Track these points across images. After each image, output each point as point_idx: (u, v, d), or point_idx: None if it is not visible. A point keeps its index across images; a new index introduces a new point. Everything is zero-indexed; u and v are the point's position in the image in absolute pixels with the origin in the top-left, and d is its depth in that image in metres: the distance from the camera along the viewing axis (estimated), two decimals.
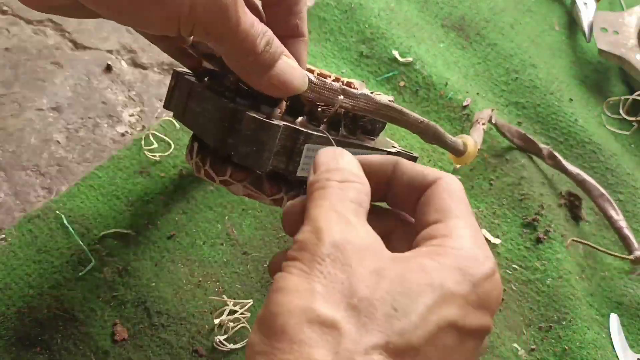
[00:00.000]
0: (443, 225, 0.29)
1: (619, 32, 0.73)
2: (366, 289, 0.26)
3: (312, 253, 0.27)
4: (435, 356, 0.25)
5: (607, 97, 0.72)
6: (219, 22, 0.32)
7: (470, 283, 0.27)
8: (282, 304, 0.25)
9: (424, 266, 0.27)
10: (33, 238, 0.47)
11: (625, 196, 0.64)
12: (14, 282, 0.45)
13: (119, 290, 0.46)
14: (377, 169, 0.33)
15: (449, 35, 0.71)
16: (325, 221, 0.28)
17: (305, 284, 0.26)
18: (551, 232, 0.57)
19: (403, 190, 0.32)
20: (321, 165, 0.31)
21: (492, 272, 0.28)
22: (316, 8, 0.67)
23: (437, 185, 0.31)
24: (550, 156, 0.61)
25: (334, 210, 0.28)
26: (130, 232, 0.49)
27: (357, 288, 0.26)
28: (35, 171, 0.51)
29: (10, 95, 0.55)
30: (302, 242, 0.27)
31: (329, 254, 0.27)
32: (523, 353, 0.51)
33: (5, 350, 0.42)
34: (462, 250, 0.28)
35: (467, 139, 0.48)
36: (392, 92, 0.64)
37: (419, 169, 0.32)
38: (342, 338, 0.24)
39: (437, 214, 0.30)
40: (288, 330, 0.24)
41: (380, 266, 0.27)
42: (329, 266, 0.26)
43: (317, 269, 0.26)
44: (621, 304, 0.57)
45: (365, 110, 0.39)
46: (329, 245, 0.27)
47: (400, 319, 0.25)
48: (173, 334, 0.45)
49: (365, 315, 0.25)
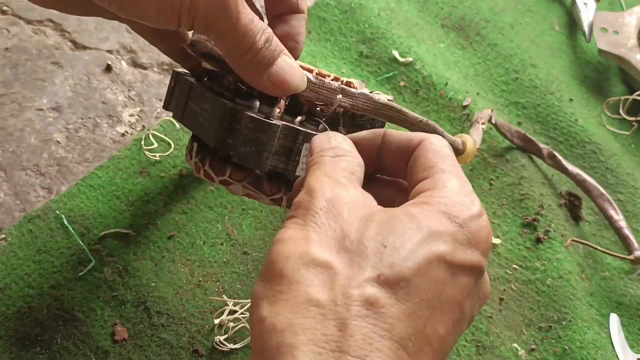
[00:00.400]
0: (430, 180, 0.31)
1: (619, 32, 0.73)
2: (356, 232, 0.28)
3: (306, 208, 0.29)
4: (427, 288, 0.27)
5: (607, 97, 0.72)
6: (219, 16, 0.33)
7: (457, 224, 0.29)
8: (280, 252, 0.27)
9: (411, 212, 0.29)
10: (33, 238, 0.47)
11: (625, 196, 0.64)
12: (14, 282, 0.45)
13: (119, 290, 0.46)
14: (367, 142, 0.34)
15: (449, 35, 0.71)
16: (318, 183, 0.30)
17: (301, 234, 0.28)
18: (551, 232, 0.57)
19: (393, 157, 0.34)
20: (316, 147, 0.33)
21: (478, 213, 0.30)
22: (316, 8, 0.67)
23: (422, 146, 0.33)
24: (550, 156, 0.61)
25: (326, 175, 0.31)
26: (130, 232, 0.49)
27: (349, 232, 0.28)
28: (35, 171, 0.51)
29: (10, 95, 0.55)
30: (298, 201, 0.30)
31: (322, 207, 0.29)
32: (523, 353, 0.51)
33: (5, 350, 0.42)
34: (447, 198, 0.30)
35: (467, 138, 0.48)
36: (392, 92, 0.64)
37: (405, 135, 0.34)
38: (336, 276, 0.26)
39: (424, 172, 0.32)
40: (286, 273, 0.26)
41: (370, 213, 0.29)
42: (322, 217, 0.28)
43: (311, 220, 0.28)
44: (621, 304, 0.57)
45: (364, 109, 0.39)
46: (322, 200, 0.29)
47: (390, 253, 0.27)
48: (173, 334, 0.45)
49: (357, 255, 0.27)
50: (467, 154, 0.47)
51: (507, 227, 0.58)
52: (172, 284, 0.47)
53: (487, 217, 0.30)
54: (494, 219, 0.58)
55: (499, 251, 0.56)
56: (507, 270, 0.55)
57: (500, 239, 0.57)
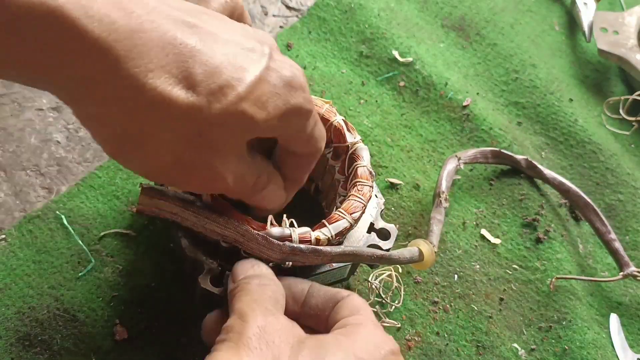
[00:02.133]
0: (355, 317, 0.35)
1: (619, 32, 0.73)
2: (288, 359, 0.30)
3: (239, 332, 0.31)
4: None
5: (607, 97, 0.72)
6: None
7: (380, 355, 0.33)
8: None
9: (339, 340, 0.32)
10: (33, 238, 0.47)
11: (625, 196, 0.64)
12: (14, 282, 0.45)
13: (119, 290, 0.46)
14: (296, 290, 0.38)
15: (449, 35, 0.71)
16: (249, 309, 0.32)
17: (234, 358, 0.30)
18: (551, 232, 0.57)
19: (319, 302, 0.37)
20: (239, 274, 0.36)
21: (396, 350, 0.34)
22: (316, 8, 0.67)
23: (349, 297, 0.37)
24: (529, 166, 0.59)
25: (255, 302, 0.33)
26: (130, 232, 0.49)
27: (280, 358, 0.30)
28: (35, 171, 0.51)
29: (10, 95, 0.55)
30: (230, 326, 0.32)
31: (254, 332, 0.31)
32: (523, 353, 0.51)
33: (5, 350, 0.42)
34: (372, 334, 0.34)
35: (422, 245, 0.47)
36: (392, 92, 0.64)
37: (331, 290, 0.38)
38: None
39: (349, 311, 0.36)
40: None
41: (300, 340, 0.32)
42: (254, 342, 0.30)
43: (244, 345, 0.30)
44: (621, 304, 0.57)
45: (317, 263, 0.40)
46: (254, 326, 0.31)
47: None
48: (173, 334, 0.45)
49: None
50: (425, 262, 0.46)
51: (507, 227, 0.58)
52: (172, 284, 0.47)
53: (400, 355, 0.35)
54: (494, 219, 0.58)
55: (499, 251, 0.56)
56: (507, 270, 0.55)
57: (500, 239, 0.57)
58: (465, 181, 0.60)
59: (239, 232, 0.37)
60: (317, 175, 0.49)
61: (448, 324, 0.51)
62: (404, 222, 0.55)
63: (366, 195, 0.43)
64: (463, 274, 0.53)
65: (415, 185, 0.57)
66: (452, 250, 0.55)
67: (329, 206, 0.47)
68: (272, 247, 0.38)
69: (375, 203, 0.46)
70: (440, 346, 0.49)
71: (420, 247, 0.46)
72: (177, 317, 0.46)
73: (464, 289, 0.53)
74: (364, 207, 0.42)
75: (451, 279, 0.53)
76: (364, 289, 0.50)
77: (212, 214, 0.38)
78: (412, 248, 0.46)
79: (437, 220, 0.51)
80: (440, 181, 0.54)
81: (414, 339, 0.49)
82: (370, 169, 0.45)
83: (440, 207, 0.52)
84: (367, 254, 0.41)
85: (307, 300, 0.37)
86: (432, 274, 0.53)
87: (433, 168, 0.59)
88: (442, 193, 0.53)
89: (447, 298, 0.52)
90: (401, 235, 0.54)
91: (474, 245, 0.55)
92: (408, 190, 0.57)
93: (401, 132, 0.61)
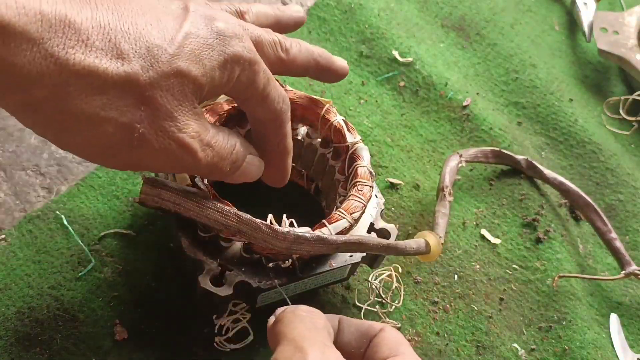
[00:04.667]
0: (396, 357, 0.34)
1: (619, 32, 0.73)
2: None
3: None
4: None
5: (607, 97, 0.72)
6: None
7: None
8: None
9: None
10: (33, 238, 0.47)
11: (625, 196, 0.64)
12: (14, 282, 0.45)
13: (119, 290, 0.46)
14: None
15: (449, 35, 0.71)
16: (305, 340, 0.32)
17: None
18: (551, 232, 0.57)
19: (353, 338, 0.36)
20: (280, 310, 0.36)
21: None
22: (316, 8, 0.67)
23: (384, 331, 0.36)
24: (529, 166, 0.59)
25: (309, 331, 0.33)
26: (130, 232, 0.49)
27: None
28: (35, 171, 0.51)
29: None
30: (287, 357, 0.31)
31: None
32: (523, 353, 0.51)
33: (5, 350, 0.42)
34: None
35: (429, 236, 0.47)
36: (392, 92, 0.64)
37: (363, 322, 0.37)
38: None
39: (389, 351, 0.35)
40: None
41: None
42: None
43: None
44: (621, 304, 0.57)
45: (322, 252, 0.39)
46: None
47: None
48: (173, 334, 0.45)
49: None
50: (432, 254, 0.46)
51: (507, 227, 0.58)
52: (172, 284, 0.47)
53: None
54: (494, 219, 0.58)
55: (499, 251, 0.56)
56: (507, 270, 0.55)
57: (500, 239, 0.57)
58: (465, 181, 0.60)
59: (243, 221, 0.37)
60: (317, 175, 0.49)
61: (448, 324, 0.51)
62: (404, 222, 0.55)
63: (366, 195, 0.43)
64: (463, 274, 0.53)
65: (415, 185, 0.57)
66: (452, 250, 0.55)
67: (329, 206, 0.47)
68: (276, 235, 0.37)
69: (375, 203, 0.46)
70: (440, 346, 0.49)
71: (426, 239, 0.46)
72: (177, 317, 0.46)
73: (464, 289, 0.53)
74: (364, 207, 0.42)
75: (451, 279, 0.53)
76: (364, 289, 0.50)
77: (215, 203, 0.37)
78: (419, 239, 0.46)
79: (442, 213, 0.51)
80: (444, 176, 0.54)
81: (414, 339, 0.49)
82: (371, 169, 0.45)
83: (444, 200, 0.53)
84: (373, 242, 0.41)
85: (339, 337, 0.36)
86: (432, 274, 0.53)
87: (433, 168, 0.59)
88: (445, 187, 0.53)
89: (447, 298, 0.52)
90: (401, 236, 0.54)
91: (474, 245, 0.55)
92: (408, 190, 0.57)
93: (401, 132, 0.61)
